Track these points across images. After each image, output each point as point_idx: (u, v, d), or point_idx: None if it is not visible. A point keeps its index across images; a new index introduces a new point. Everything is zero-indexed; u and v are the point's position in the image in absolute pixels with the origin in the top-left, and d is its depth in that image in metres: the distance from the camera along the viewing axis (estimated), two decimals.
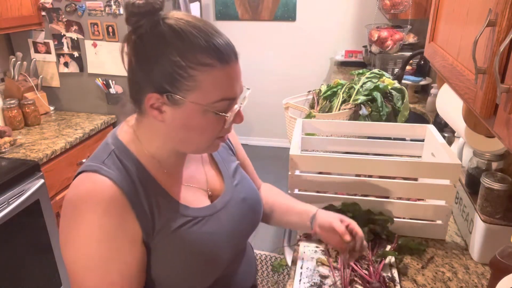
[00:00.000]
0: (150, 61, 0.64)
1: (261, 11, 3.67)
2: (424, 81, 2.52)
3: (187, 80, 0.63)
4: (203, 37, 0.63)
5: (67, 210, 0.67)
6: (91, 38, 2.20)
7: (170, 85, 0.64)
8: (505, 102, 0.58)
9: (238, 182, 0.88)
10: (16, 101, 2.09)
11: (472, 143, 1.09)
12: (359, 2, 3.46)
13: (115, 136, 0.75)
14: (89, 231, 0.64)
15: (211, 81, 0.64)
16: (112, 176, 0.67)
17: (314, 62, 3.74)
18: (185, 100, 0.65)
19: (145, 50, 0.65)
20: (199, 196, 0.80)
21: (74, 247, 0.65)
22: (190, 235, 0.73)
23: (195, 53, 0.63)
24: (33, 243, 1.75)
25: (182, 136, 0.70)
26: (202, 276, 0.76)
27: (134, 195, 0.68)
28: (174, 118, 0.67)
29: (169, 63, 0.63)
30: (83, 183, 0.68)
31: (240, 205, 0.85)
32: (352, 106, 1.63)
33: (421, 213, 1.15)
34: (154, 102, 0.66)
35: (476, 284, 1.00)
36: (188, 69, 0.63)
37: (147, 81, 0.65)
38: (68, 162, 1.97)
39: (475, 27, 0.75)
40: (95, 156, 0.72)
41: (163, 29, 0.64)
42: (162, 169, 0.75)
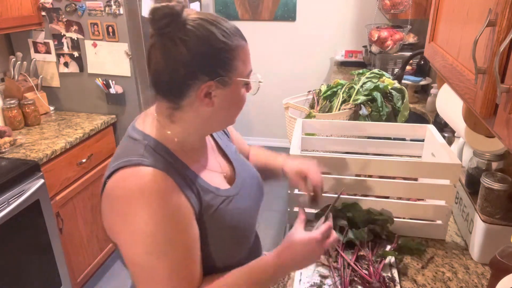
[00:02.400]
0: (205, 54, 0.70)
1: (261, 11, 3.66)
2: (424, 81, 2.52)
3: (232, 60, 0.73)
4: (229, 24, 0.74)
5: (121, 207, 0.69)
6: (91, 38, 2.20)
7: (222, 68, 0.72)
8: (505, 102, 0.58)
9: (241, 163, 0.96)
10: (16, 101, 2.09)
11: (472, 143, 1.09)
12: (359, 2, 3.46)
13: (140, 132, 0.78)
14: (154, 221, 0.67)
15: (243, 58, 0.75)
16: (157, 165, 0.71)
17: (314, 62, 3.74)
18: (233, 78, 0.74)
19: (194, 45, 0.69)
20: (220, 179, 0.86)
21: (139, 240, 0.68)
22: (228, 212, 0.80)
23: (232, 36, 0.73)
24: (33, 243, 1.75)
25: (225, 114, 0.79)
26: (239, 248, 0.84)
27: (181, 180, 0.73)
28: (222, 100, 0.75)
29: (219, 51, 0.71)
30: (130, 178, 0.70)
31: (250, 183, 0.93)
32: (352, 106, 1.63)
33: (421, 213, 1.16)
34: (207, 90, 0.72)
35: (476, 284, 1.00)
36: (232, 51, 0.72)
37: (198, 73, 0.71)
38: (68, 162, 1.97)
39: (475, 27, 0.75)
40: (128, 152, 0.73)
41: (201, 23, 0.70)
42: (190, 156, 0.80)
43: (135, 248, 0.69)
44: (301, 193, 1.22)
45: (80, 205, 2.09)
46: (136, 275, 0.70)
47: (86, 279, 2.19)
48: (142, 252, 0.68)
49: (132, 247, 0.69)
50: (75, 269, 2.08)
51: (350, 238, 1.10)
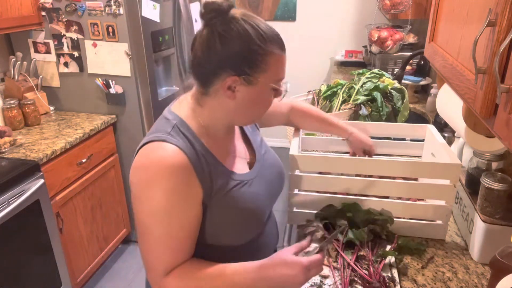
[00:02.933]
0: (237, 50, 0.77)
1: (261, 11, 3.67)
2: (424, 81, 2.52)
3: (263, 63, 0.79)
4: (270, 30, 0.81)
5: (141, 173, 0.79)
6: (91, 38, 2.20)
7: (249, 68, 0.79)
8: (505, 102, 0.58)
9: (265, 151, 1.03)
10: (16, 101, 2.09)
11: (472, 143, 1.09)
12: (359, 2, 3.46)
13: (173, 113, 0.87)
14: (160, 190, 0.76)
15: (276, 65, 0.81)
16: (179, 144, 0.79)
17: (314, 62, 3.74)
18: (259, 80, 0.80)
19: (232, 41, 0.77)
20: (242, 164, 0.94)
21: (147, 203, 0.77)
22: (240, 195, 0.87)
23: (269, 42, 0.79)
24: (33, 243, 1.75)
25: (246, 111, 0.85)
26: (249, 229, 0.90)
27: (197, 162, 0.81)
28: (245, 96, 0.82)
29: (250, 50, 0.78)
30: (154, 150, 0.79)
31: (270, 170, 1.00)
32: (352, 106, 1.63)
33: (421, 213, 1.15)
34: (232, 83, 0.79)
35: (476, 284, 1.00)
36: (264, 56, 0.79)
37: (227, 66, 0.78)
38: (68, 162, 1.97)
39: (475, 27, 0.75)
40: (159, 129, 0.83)
41: (242, 23, 0.78)
42: (214, 140, 0.88)
43: (142, 208, 0.79)
44: (301, 193, 1.22)
45: (80, 205, 2.09)
46: (138, 231, 0.81)
47: (86, 279, 2.19)
48: (145, 213, 0.78)
49: (139, 207, 0.79)
50: (75, 269, 2.08)
51: (350, 238, 1.10)
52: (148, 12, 2.19)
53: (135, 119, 2.30)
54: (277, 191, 1.02)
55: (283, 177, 1.05)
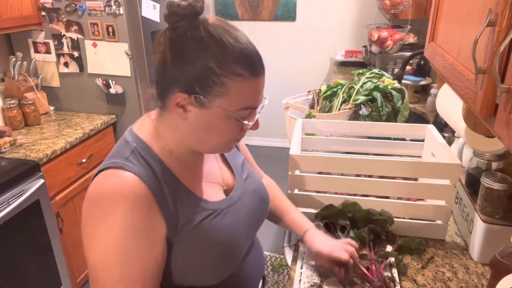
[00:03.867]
0: (186, 62, 0.66)
1: (261, 11, 3.66)
2: (424, 81, 2.52)
3: (218, 86, 0.67)
4: (239, 48, 0.67)
5: (92, 205, 0.68)
6: (91, 38, 2.20)
7: (201, 88, 0.67)
8: (505, 102, 0.58)
9: (247, 175, 0.92)
10: (16, 101, 2.09)
11: (472, 143, 1.09)
12: (359, 2, 3.46)
13: (134, 134, 0.76)
14: (115, 226, 0.65)
15: (239, 90, 0.68)
16: (138, 172, 0.68)
17: (314, 62, 3.74)
18: (213, 104, 0.68)
19: (183, 51, 0.67)
20: (216, 191, 0.83)
21: (99, 242, 0.65)
22: (212, 227, 0.76)
23: (230, 62, 0.66)
24: (33, 243, 1.75)
25: (200, 137, 0.73)
26: (225, 266, 0.79)
27: (159, 192, 0.70)
28: (197, 119, 0.70)
29: (204, 68, 0.66)
30: (109, 179, 0.69)
31: (251, 197, 0.89)
32: (352, 106, 1.63)
33: (421, 213, 1.15)
34: (181, 100, 0.69)
35: (476, 284, 1.00)
36: (221, 77, 0.66)
37: (178, 80, 0.68)
38: (68, 162, 1.97)
39: (475, 27, 0.75)
40: (116, 154, 0.73)
41: (203, 34, 0.66)
42: (182, 165, 0.77)
43: (93, 248, 0.66)
44: (301, 193, 1.22)
45: (80, 205, 2.08)
46: (90, 276, 0.67)
47: (86, 279, 2.19)
48: (98, 254, 0.65)
49: (91, 246, 0.66)
50: (75, 269, 2.08)
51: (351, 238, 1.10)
52: (148, 12, 2.19)
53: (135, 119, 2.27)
54: (259, 219, 0.91)
55: (266, 204, 0.94)
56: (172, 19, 0.68)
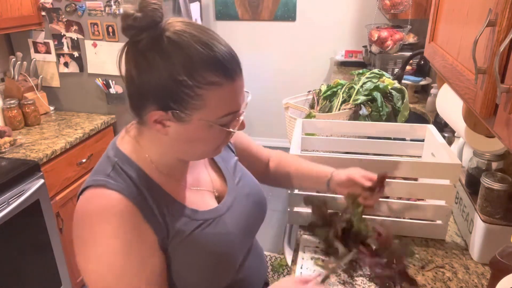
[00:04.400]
0: (153, 78, 0.62)
1: (261, 11, 3.66)
2: (424, 81, 2.52)
3: (194, 99, 0.62)
4: (208, 53, 0.61)
5: (80, 228, 0.66)
6: (91, 38, 2.20)
7: (176, 103, 0.63)
8: (505, 102, 0.58)
9: (239, 179, 0.89)
10: (16, 101, 2.09)
11: (472, 143, 1.09)
12: (359, 2, 3.46)
13: (116, 147, 0.74)
14: (106, 247, 0.64)
15: (217, 98, 0.64)
16: (120, 189, 0.67)
17: (314, 62, 3.74)
18: (192, 117, 0.64)
19: (149, 67, 0.62)
20: (206, 198, 0.80)
21: (95, 264, 0.64)
22: (204, 237, 0.74)
23: (201, 71, 0.61)
24: (33, 243, 1.75)
25: (186, 148, 0.70)
26: (220, 276, 0.77)
27: (144, 205, 0.68)
28: (179, 133, 0.67)
29: (174, 81, 0.61)
30: (92, 199, 0.67)
31: (245, 202, 0.86)
32: (352, 106, 1.63)
33: (421, 213, 1.15)
34: (158, 118, 0.65)
35: (476, 284, 1.00)
36: (195, 88, 0.62)
37: (150, 97, 0.64)
38: (68, 162, 1.97)
39: (475, 27, 0.75)
40: (99, 170, 0.71)
41: (167, 45, 0.61)
42: (167, 175, 0.74)
43: (90, 271, 0.65)
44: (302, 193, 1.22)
45: None
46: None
47: None
48: (94, 277, 0.64)
49: (86, 269, 0.65)
50: (75, 269, 2.08)
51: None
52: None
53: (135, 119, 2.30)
54: (255, 223, 0.88)
55: (263, 206, 0.91)
56: (130, 33, 0.62)
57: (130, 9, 0.61)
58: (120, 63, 0.65)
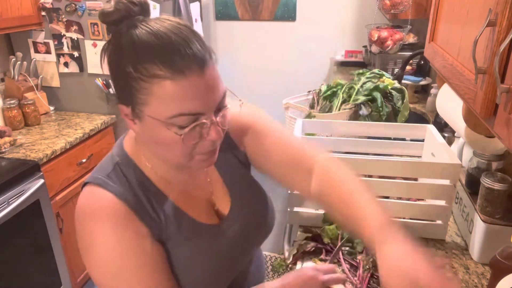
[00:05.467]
0: (111, 72, 0.63)
1: (261, 11, 3.66)
2: (424, 81, 2.52)
3: (140, 93, 0.59)
4: (159, 46, 0.58)
5: (79, 226, 0.68)
6: (91, 38, 2.20)
7: (128, 98, 0.61)
8: (505, 102, 0.57)
9: (245, 193, 0.83)
10: (16, 101, 2.09)
11: (472, 143, 1.09)
12: (359, 2, 3.46)
13: (121, 146, 0.74)
14: (106, 247, 0.64)
15: (164, 94, 0.58)
16: (115, 190, 0.67)
17: (314, 62, 3.74)
18: (143, 114, 0.61)
19: (109, 59, 0.63)
20: (205, 212, 0.77)
21: (92, 263, 0.65)
22: (199, 251, 0.73)
23: (145, 63, 0.58)
24: (33, 243, 1.75)
25: (155, 150, 0.68)
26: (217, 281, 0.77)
27: (140, 207, 0.68)
28: (142, 131, 0.65)
29: (123, 74, 0.60)
30: (88, 198, 0.68)
31: (249, 219, 0.81)
32: (352, 106, 1.63)
33: (421, 213, 1.15)
34: (124, 111, 0.65)
35: (476, 284, 1.00)
36: (139, 81, 0.58)
37: (116, 92, 0.65)
38: (68, 162, 1.97)
39: (475, 27, 0.75)
40: (101, 168, 0.71)
41: (124, 39, 0.60)
42: (165, 179, 0.73)
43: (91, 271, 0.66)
44: None
45: None
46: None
47: (86, 279, 2.19)
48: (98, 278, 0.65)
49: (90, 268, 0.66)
50: (75, 269, 2.08)
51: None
52: None
53: None
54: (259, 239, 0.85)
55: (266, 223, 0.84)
56: (109, 29, 0.64)
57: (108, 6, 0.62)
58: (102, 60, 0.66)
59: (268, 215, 0.85)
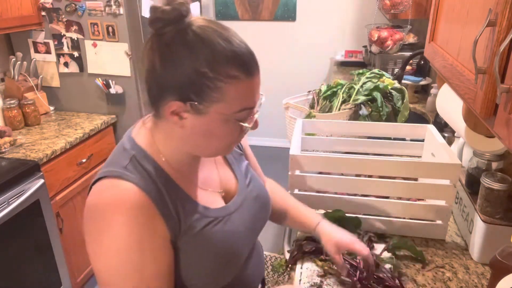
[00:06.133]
0: (177, 69, 0.64)
1: (261, 11, 3.67)
2: (424, 81, 2.52)
3: (213, 91, 0.64)
4: (230, 49, 0.64)
5: (93, 218, 0.67)
6: (91, 38, 2.20)
7: (196, 95, 0.65)
8: (505, 102, 0.58)
9: (250, 181, 0.91)
10: (16, 101, 2.09)
11: (472, 143, 1.09)
12: (359, 2, 3.46)
13: (132, 140, 0.75)
14: (120, 238, 0.64)
15: (235, 93, 0.66)
16: (137, 182, 0.67)
17: (314, 62, 3.74)
18: (209, 110, 0.66)
19: (172, 58, 0.64)
20: (214, 198, 0.81)
21: (107, 256, 0.65)
22: (214, 234, 0.75)
23: (223, 65, 0.64)
24: (33, 243, 1.75)
25: (200, 142, 0.71)
26: (225, 273, 0.79)
27: (160, 199, 0.69)
28: (194, 126, 0.68)
29: (196, 73, 0.63)
30: (108, 190, 0.68)
31: (253, 204, 0.88)
32: (352, 106, 1.63)
33: (421, 213, 1.15)
34: (176, 109, 0.66)
35: (476, 284, 1.00)
36: (215, 81, 0.64)
37: (171, 88, 0.65)
38: (68, 162, 1.97)
39: (475, 27, 0.75)
40: (114, 162, 0.71)
41: (192, 38, 0.64)
42: (179, 172, 0.75)
43: (100, 263, 0.66)
44: (301, 193, 1.22)
45: (80, 205, 2.09)
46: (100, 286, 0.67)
47: (86, 279, 2.19)
48: (106, 268, 0.65)
49: (97, 260, 0.66)
50: (75, 269, 2.08)
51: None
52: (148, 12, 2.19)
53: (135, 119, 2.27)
54: (260, 225, 0.91)
55: (267, 210, 0.94)
56: (157, 25, 0.65)
57: (159, 2, 0.64)
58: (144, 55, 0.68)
59: (268, 200, 0.94)
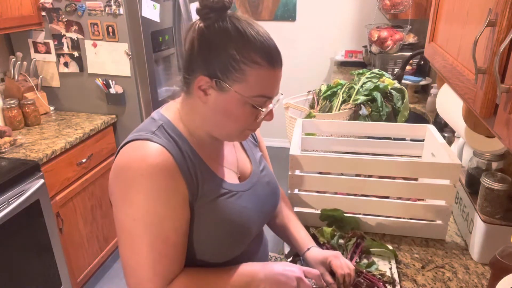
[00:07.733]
0: (211, 49, 0.74)
1: (261, 11, 3.67)
2: (424, 81, 2.52)
3: (237, 72, 0.73)
4: (259, 40, 0.74)
5: (122, 175, 0.74)
6: (91, 38, 2.20)
7: (222, 73, 0.74)
8: (505, 102, 0.58)
9: (263, 167, 0.98)
10: (16, 101, 2.09)
11: (472, 143, 1.09)
12: (359, 2, 3.46)
13: (160, 114, 0.84)
14: (146, 191, 0.72)
15: (256, 78, 0.74)
16: (164, 144, 0.75)
17: (314, 62, 3.74)
18: (231, 88, 0.74)
19: (209, 39, 0.74)
20: (230, 174, 0.89)
21: (132, 205, 0.72)
22: (226, 205, 0.82)
23: (249, 51, 0.73)
24: (33, 243, 1.75)
25: (218, 120, 0.79)
26: (233, 245, 0.84)
27: (183, 163, 0.77)
28: (216, 102, 0.77)
29: (226, 54, 0.73)
30: (137, 149, 0.75)
31: (266, 188, 0.95)
32: (352, 106, 1.63)
33: (421, 213, 1.15)
34: (203, 84, 0.75)
35: (476, 284, 1.00)
36: (241, 63, 0.73)
37: (203, 65, 0.75)
38: (68, 162, 1.97)
39: (475, 27, 0.75)
40: (143, 128, 0.79)
41: (228, 25, 0.74)
42: (200, 146, 0.83)
43: (125, 213, 0.73)
44: (301, 193, 1.22)
45: (80, 205, 2.09)
46: (121, 240, 0.74)
47: (86, 279, 2.19)
48: (130, 218, 0.72)
49: (122, 211, 0.73)
50: (75, 269, 2.08)
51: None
52: (148, 12, 2.19)
53: (135, 119, 2.30)
54: (269, 210, 0.96)
55: (277, 198, 1.00)
56: (203, 11, 0.75)
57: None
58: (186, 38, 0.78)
59: (278, 189, 1.01)
